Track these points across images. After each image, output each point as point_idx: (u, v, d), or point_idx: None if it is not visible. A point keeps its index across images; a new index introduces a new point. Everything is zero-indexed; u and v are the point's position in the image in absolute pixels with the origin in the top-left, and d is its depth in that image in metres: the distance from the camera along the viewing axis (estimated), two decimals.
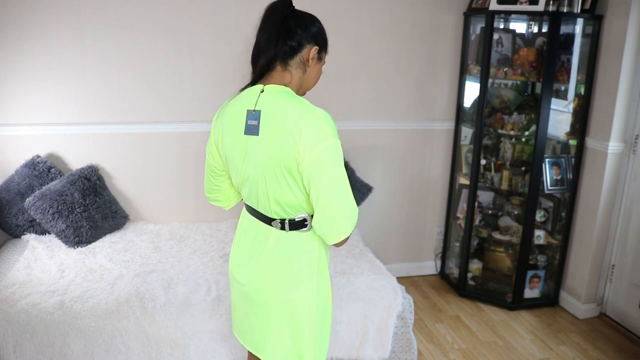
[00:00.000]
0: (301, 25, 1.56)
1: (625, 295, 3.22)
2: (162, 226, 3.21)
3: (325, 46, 1.65)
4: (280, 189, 1.54)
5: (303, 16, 1.59)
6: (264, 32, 1.55)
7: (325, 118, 1.50)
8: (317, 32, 1.60)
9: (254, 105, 1.54)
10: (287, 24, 1.54)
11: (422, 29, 3.44)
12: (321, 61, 1.65)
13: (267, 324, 1.67)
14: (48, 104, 3.01)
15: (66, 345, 2.21)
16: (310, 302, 1.65)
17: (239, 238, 1.75)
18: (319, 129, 1.48)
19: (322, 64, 1.66)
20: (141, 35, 3.04)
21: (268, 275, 1.65)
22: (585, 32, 3.21)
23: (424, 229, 3.81)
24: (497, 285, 3.51)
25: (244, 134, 1.56)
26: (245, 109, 1.55)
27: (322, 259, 1.68)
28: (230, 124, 1.59)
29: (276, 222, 1.61)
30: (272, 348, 1.68)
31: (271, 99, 1.53)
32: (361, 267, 2.74)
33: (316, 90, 1.71)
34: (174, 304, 2.33)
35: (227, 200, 1.83)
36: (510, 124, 3.32)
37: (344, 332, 2.41)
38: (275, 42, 1.53)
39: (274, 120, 1.50)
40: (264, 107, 1.52)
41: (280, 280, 1.64)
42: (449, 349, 2.96)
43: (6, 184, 2.94)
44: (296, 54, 1.57)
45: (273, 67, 1.57)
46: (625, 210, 3.20)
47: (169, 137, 3.22)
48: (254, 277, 1.67)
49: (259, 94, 1.55)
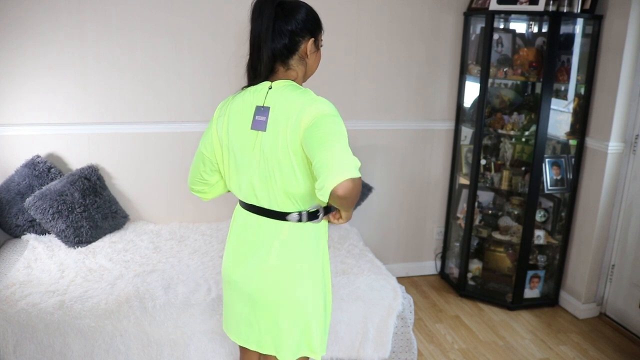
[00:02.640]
0: (291, 20, 1.55)
1: (625, 295, 3.22)
2: (162, 226, 3.21)
3: (320, 29, 1.64)
4: (289, 181, 1.55)
5: (291, 8, 1.56)
6: (256, 33, 1.55)
7: (327, 103, 1.52)
8: (308, 21, 1.59)
9: (263, 101, 1.55)
10: (277, 24, 1.54)
11: (422, 29, 3.44)
12: (319, 47, 1.65)
13: (274, 323, 1.68)
14: (48, 104, 3.01)
15: (66, 345, 2.21)
16: (317, 299, 1.67)
17: (236, 237, 1.74)
18: (320, 108, 1.49)
19: (320, 48, 1.67)
20: (141, 35, 3.04)
21: (274, 274, 1.64)
22: (585, 32, 3.21)
23: (424, 229, 3.81)
24: (497, 285, 3.51)
25: (250, 129, 1.57)
26: (254, 104, 1.57)
27: (325, 256, 1.71)
28: (237, 118, 1.61)
29: (292, 215, 1.61)
30: (283, 344, 1.69)
31: (279, 95, 1.55)
32: (361, 267, 2.74)
33: (316, 90, 1.71)
34: (174, 304, 2.33)
35: (211, 193, 1.83)
36: (510, 124, 3.32)
37: (344, 332, 2.41)
38: (270, 44, 1.54)
39: (282, 114, 1.52)
40: (273, 103, 1.54)
41: (287, 279, 1.64)
42: (449, 349, 2.96)
43: (6, 184, 2.94)
44: (294, 53, 1.58)
45: (276, 69, 1.60)
46: (625, 210, 3.20)
47: (169, 137, 3.22)
48: (257, 276, 1.67)
49: (267, 91, 1.56)
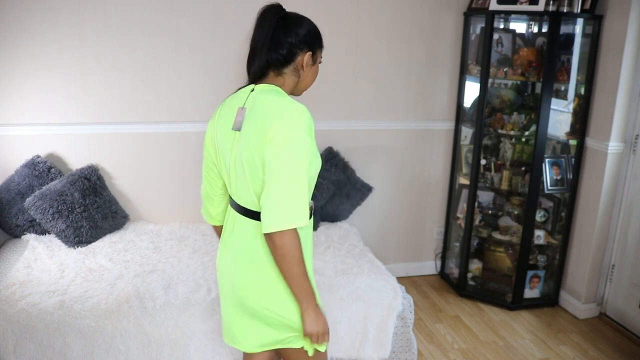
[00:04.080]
0: (291, 33, 1.56)
1: (625, 295, 3.22)
2: (162, 226, 3.21)
3: (320, 46, 1.65)
4: (256, 181, 1.54)
5: (293, 22, 1.58)
6: (257, 40, 1.57)
7: (301, 113, 1.49)
8: (309, 36, 1.59)
9: (244, 102, 1.58)
10: (277, 35, 1.55)
11: (422, 29, 3.44)
12: (316, 62, 1.66)
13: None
14: (48, 104, 3.01)
15: (66, 345, 2.21)
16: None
17: (223, 234, 1.80)
18: (291, 121, 1.47)
19: (318, 64, 1.67)
20: (141, 35, 3.04)
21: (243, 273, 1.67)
22: (585, 32, 3.21)
23: (424, 229, 3.81)
24: (497, 285, 3.51)
25: (231, 129, 1.59)
26: (237, 106, 1.59)
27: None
28: (223, 119, 1.63)
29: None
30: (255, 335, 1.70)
31: (258, 97, 1.56)
32: (361, 267, 2.74)
33: (316, 90, 1.71)
34: (174, 304, 2.33)
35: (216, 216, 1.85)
36: (510, 124, 3.32)
37: (344, 332, 2.41)
38: (267, 53, 1.56)
39: (255, 116, 1.52)
40: (251, 105, 1.56)
41: (247, 277, 1.66)
42: (449, 349, 2.96)
43: (6, 184, 2.94)
44: (289, 63, 1.59)
45: (266, 73, 1.61)
46: (625, 210, 3.20)
47: (169, 137, 3.22)
48: (230, 274, 1.71)
49: (249, 93, 1.59)
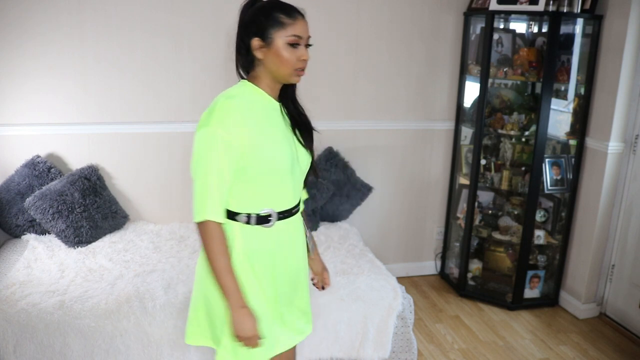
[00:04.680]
0: (240, 25, 1.51)
1: (625, 295, 3.22)
2: (162, 226, 3.21)
3: (271, 24, 1.44)
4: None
5: (244, 11, 1.51)
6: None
7: (219, 105, 1.46)
8: (252, 22, 1.47)
9: None
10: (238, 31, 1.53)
11: (422, 29, 3.44)
12: (272, 44, 1.46)
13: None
14: (48, 104, 3.01)
15: (66, 345, 2.21)
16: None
17: None
18: (206, 115, 1.47)
19: (280, 46, 1.46)
20: (141, 35, 3.04)
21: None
22: (585, 32, 3.21)
23: (424, 229, 3.81)
24: (497, 285, 3.51)
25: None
26: None
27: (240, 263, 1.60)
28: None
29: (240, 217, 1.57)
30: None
31: None
32: (361, 267, 2.74)
33: (316, 90, 1.70)
34: (174, 304, 2.33)
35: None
36: (510, 124, 3.32)
37: (344, 332, 2.41)
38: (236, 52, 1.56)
39: None
40: None
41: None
42: (449, 349, 2.96)
43: (6, 184, 2.94)
44: (248, 55, 1.52)
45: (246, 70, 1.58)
46: (625, 210, 3.20)
47: (169, 137, 3.22)
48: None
49: None
